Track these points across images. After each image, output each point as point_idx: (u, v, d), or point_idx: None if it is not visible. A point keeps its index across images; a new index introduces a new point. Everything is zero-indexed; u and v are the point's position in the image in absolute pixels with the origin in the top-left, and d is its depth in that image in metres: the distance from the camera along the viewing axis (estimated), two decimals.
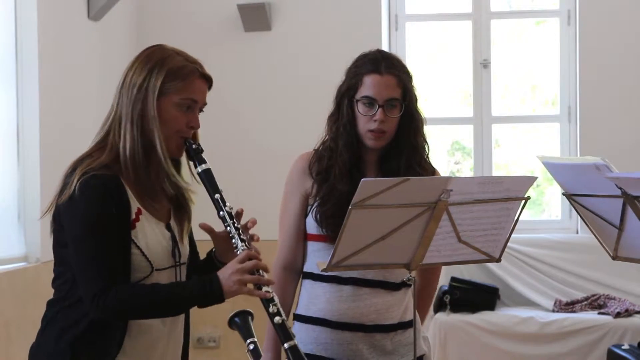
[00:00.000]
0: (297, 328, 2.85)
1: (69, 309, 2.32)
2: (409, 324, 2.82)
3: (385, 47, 6.00)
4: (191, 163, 2.44)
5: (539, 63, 6.33)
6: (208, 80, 2.43)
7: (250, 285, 2.29)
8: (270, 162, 5.79)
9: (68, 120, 4.87)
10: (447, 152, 6.32)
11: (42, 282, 4.42)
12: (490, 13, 6.18)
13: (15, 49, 4.61)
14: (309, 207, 2.81)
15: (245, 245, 2.34)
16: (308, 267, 2.85)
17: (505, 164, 6.37)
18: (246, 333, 2.35)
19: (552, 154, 6.10)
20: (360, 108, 2.76)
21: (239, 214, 2.40)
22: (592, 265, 5.67)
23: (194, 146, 2.40)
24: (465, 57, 6.23)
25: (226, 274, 2.27)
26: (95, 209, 2.25)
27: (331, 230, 2.72)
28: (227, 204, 2.39)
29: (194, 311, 2.40)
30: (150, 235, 2.33)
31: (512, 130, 6.43)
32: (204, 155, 2.42)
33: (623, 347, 4.75)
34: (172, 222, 2.44)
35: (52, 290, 2.41)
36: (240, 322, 2.41)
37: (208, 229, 2.43)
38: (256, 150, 5.97)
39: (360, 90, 2.77)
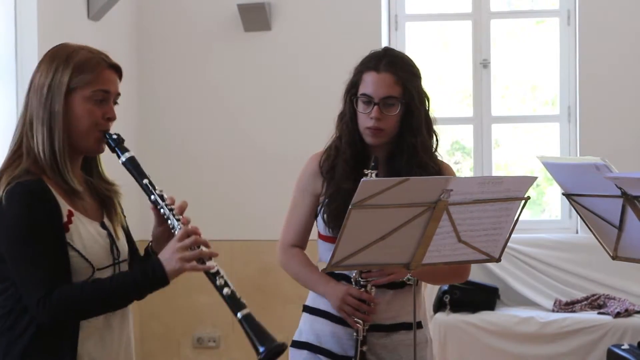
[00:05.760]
0: (304, 319, 2.91)
1: (15, 323, 2.27)
2: (412, 326, 2.81)
3: None
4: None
5: (539, 63, 6.32)
6: (117, 70, 2.40)
7: (193, 262, 2.25)
8: (270, 163, 5.79)
9: None
10: (447, 152, 6.31)
11: None
12: (490, 13, 6.17)
13: (15, 49, 4.61)
14: (319, 207, 2.83)
15: (182, 224, 2.30)
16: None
17: (505, 164, 6.37)
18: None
19: (552, 154, 6.09)
20: (359, 105, 2.79)
21: (172, 199, 2.35)
22: (592, 265, 5.66)
23: (114, 136, 2.36)
24: (465, 57, 6.22)
25: (167, 254, 2.25)
26: (25, 216, 2.21)
27: (337, 231, 2.73)
28: (157, 187, 2.35)
29: (194, 311, 2.39)
30: (85, 235, 2.30)
31: (512, 130, 6.42)
32: (125, 144, 2.36)
33: (623, 347, 4.75)
34: (106, 220, 2.41)
35: None
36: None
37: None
38: (255, 151, 5.96)
39: (360, 88, 2.80)
